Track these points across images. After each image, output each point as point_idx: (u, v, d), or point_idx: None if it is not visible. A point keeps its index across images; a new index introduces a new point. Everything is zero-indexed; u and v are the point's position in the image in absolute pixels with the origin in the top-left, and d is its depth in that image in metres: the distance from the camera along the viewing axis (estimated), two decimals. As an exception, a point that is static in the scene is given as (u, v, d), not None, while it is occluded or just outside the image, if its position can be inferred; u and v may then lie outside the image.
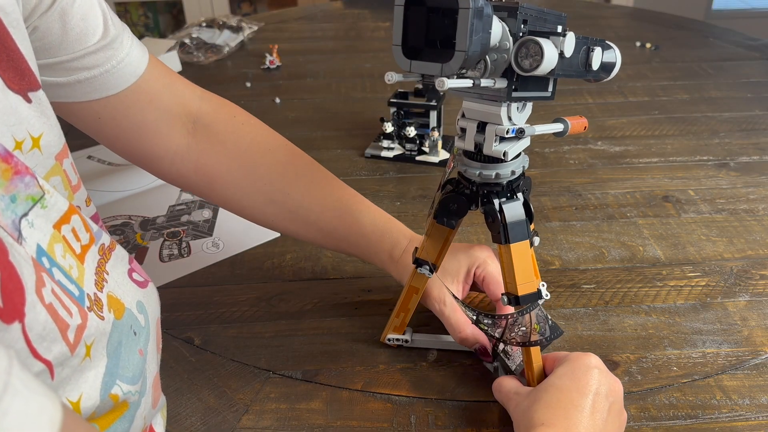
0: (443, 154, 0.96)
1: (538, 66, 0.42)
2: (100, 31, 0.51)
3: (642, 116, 1.10)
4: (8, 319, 0.29)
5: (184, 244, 0.79)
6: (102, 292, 0.40)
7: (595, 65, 0.46)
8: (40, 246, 0.35)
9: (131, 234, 0.81)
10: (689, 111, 1.11)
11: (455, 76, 0.42)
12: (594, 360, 0.50)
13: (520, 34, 0.43)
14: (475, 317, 0.53)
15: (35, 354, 0.31)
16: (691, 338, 0.64)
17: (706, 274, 0.72)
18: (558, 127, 0.49)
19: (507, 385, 0.54)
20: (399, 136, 0.96)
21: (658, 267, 0.74)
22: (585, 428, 0.46)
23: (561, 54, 0.42)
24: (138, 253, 0.78)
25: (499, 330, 0.52)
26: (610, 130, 1.05)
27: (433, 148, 0.95)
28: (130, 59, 0.53)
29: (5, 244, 0.30)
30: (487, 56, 0.43)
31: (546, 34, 0.43)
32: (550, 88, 0.49)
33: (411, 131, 0.94)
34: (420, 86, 0.99)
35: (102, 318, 0.39)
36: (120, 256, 0.45)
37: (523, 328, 0.51)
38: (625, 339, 0.64)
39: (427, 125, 0.96)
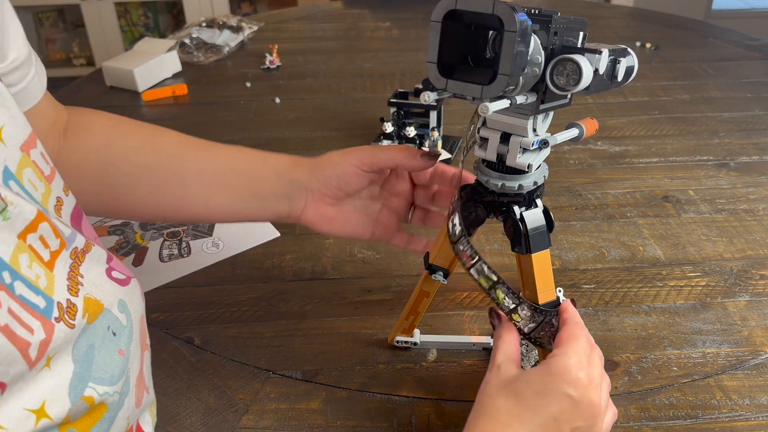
0: (443, 154, 0.96)
1: (576, 84, 0.41)
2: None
3: (642, 116, 1.10)
4: None
5: (184, 244, 0.79)
6: (78, 296, 0.39)
7: (620, 76, 0.46)
8: (2, 260, 0.34)
9: (131, 234, 0.81)
10: (689, 111, 1.11)
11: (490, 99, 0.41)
12: (568, 385, 0.44)
13: (551, 47, 0.42)
14: (515, 305, 0.48)
15: None
16: (691, 338, 0.64)
17: (706, 274, 0.72)
18: (574, 132, 0.49)
19: (504, 350, 0.48)
20: (399, 136, 0.96)
21: (658, 267, 0.74)
22: None
23: (596, 71, 0.42)
24: (138, 253, 0.78)
25: (533, 324, 0.49)
26: (610, 130, 1.05)
27: (433, 148, 0.95)
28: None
29: None
30: None
31: (579, 50, 0.42)
32: (569, 95, 0.48)
33: (411, 131, 0.94)
34: (420, 86, 0.99)
35: (72, 326, 0.37)
36: (96, 257, 0.43)
37: (552, 329, 0.50)
38: (625, 339, 0.64)
39: (427, 125, 0.96)
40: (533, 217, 0.49)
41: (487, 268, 0.49)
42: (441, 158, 0.94)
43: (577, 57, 0.41)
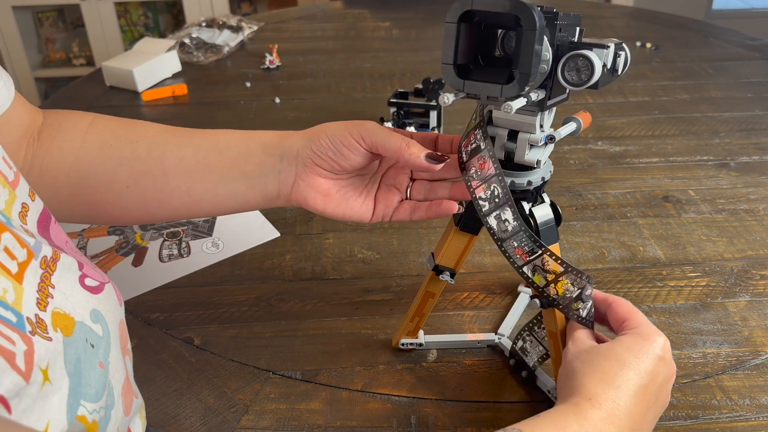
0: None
1: (588, 79, 0.42)
2: None
3: (642, 116, 1.10)
4: None
5: (183, 244, 0.79)
6: (45, 311, 0.37)
7: (620, 70, 0.46)
8: None
9: (131, 234, 0.81)
10: (689, 111, 1.11)
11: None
12: (659, 348, 0.47)
13: (557, 44, 0.43)
14: (579, 289, 0.48)
15: None
16: (691, 338, 0.64)
17: (707, 274, 0.72)
18: (572, 126, 0.50)
19: (579, 342, 0.49)
20: (399, 136, 0.96)
21: (659, 267, 0.74)
22: (629, 414, 0.43)
23: (604, 65, 0.42)
24: (138, 253, 0.78)
25: (578, 290, 0.48)
26: (610, 130, 1.05)
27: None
28: None
29: None
30: None
31: (587, 46, 0.43)
32: (567, 91, 0.49)
33: (411, 131, 0.94)
34: (420, 86, 0.99)
35: (49, 339, 0.36)
36: (67, 264, 0.41)
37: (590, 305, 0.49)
38: (626, 339, 0.64)
39: (427, 125, 0.96)
40: (542, 212, 0.50)
41: (553, 261, 0.46)
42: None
43: (588, 52, 0.41)
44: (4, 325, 0.32)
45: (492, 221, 0.47)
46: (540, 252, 0.46)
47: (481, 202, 0.47)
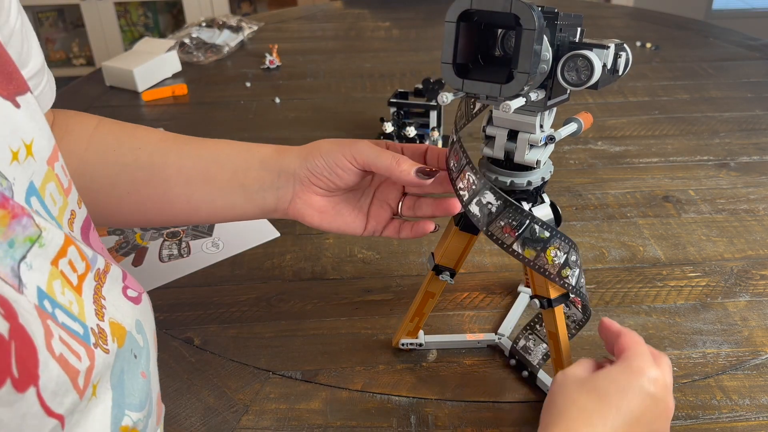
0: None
1: (588, 80, 0.42)
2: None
3: (642, 116, 1.10)
4: (23, 387, 0.28)
5: (183, 244, 0.79)
6: (104, 321, 0.38)
7: (621, 71, 0.46)
8: (41, 289, 0.33)
9: (131, 234, 0.81)
10: (689, 111, 1.11)
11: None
12: (649, 383, 0.44)
13: (557, 44, 0.43)
14: (565, 254, 0.48)
15: (49, 412, 0.30)
16: (691, 338, 0.64)
17: (707, 274, 0.72)
18: (573, 127, 0.50)
19: (574, 370, 0.48)
20: (399, 136, 0.96)
21: (659, 267, 0.74)
22: None
23: (604, 66, 0.43)
24: (138, 253, 0.78)
25: (564, 255, 0.48)
26: (610, 130, 1.05)
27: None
28: None
29: (12, 303, 0.28)
30: None
31: (587, 46, 0.43)
32: (569, 91, 0.49)
33: (411, 131, 0.94)
34: (420, 86, 0.99)
35: (107, 351, 0.37)
36: (114, 276, 0.42)
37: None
38: (626, 339, 0.64)
39: (427, 125, 0.96)
40: (542, 212, 0.50)
41: (539, 228, 0.46)
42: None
43: (587, 52, 0.41)
44: (72, 338, 0.33)
45: (474, 208, 0.47)
46: (528, 222, 0.46)
47: (461, 193, 0.48)
